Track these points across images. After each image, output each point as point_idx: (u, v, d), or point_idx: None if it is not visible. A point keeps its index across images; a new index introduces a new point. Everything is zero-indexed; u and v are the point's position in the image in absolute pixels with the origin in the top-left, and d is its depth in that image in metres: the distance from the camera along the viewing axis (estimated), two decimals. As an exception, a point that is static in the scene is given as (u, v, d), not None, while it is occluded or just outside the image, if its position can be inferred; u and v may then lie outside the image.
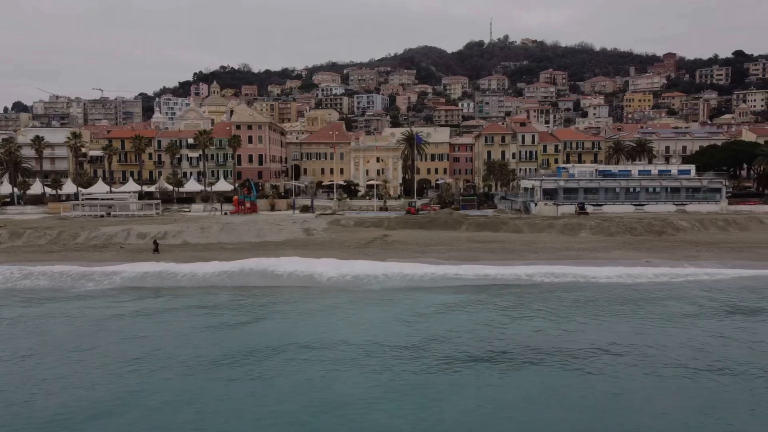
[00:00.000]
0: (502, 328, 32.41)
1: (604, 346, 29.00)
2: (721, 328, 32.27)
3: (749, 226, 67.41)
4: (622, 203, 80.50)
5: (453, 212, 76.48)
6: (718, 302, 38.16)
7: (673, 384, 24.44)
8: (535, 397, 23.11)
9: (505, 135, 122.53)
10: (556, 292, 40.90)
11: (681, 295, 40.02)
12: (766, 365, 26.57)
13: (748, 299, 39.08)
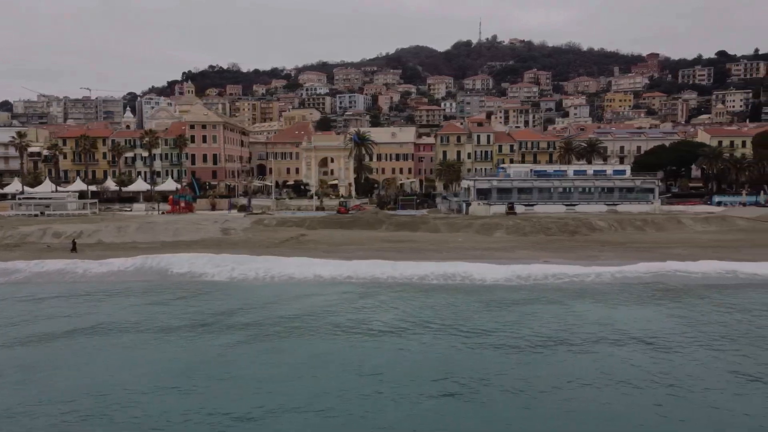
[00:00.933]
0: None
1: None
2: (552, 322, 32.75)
3: (666, 227, 67.82)
4: (554, 203, 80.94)
5: (379, 212, 76.96)
6: (577, 300, 38.59)
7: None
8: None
9: (461, 135, 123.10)
10: (432, 293, 41.10)
11: (547, 297, 40.38)
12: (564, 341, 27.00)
13: (605, 296, 39.49)
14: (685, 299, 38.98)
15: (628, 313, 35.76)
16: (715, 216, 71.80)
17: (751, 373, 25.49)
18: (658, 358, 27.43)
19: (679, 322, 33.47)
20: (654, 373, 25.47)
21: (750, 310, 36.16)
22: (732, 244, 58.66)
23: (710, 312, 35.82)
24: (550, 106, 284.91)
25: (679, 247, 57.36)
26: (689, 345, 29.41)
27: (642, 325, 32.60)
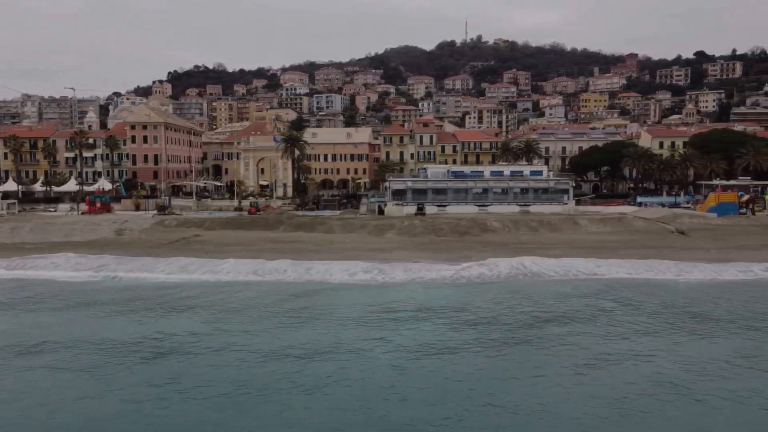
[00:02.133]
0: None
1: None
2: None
3: (561, 228, 68.19)
4: (466, 204, 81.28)
5: (284, 213, 77.37)
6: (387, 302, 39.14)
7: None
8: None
9: (404, 136, 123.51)
10: (259, 295, 41.69)
11: (373, 297, 40.91)
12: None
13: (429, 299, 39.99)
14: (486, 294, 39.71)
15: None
16: (613, 217, 72.15)
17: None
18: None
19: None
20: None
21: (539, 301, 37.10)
22: (613, 245, 59.25)
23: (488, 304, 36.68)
24: (527, 107, 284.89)
25: (559, 248, 57.97)
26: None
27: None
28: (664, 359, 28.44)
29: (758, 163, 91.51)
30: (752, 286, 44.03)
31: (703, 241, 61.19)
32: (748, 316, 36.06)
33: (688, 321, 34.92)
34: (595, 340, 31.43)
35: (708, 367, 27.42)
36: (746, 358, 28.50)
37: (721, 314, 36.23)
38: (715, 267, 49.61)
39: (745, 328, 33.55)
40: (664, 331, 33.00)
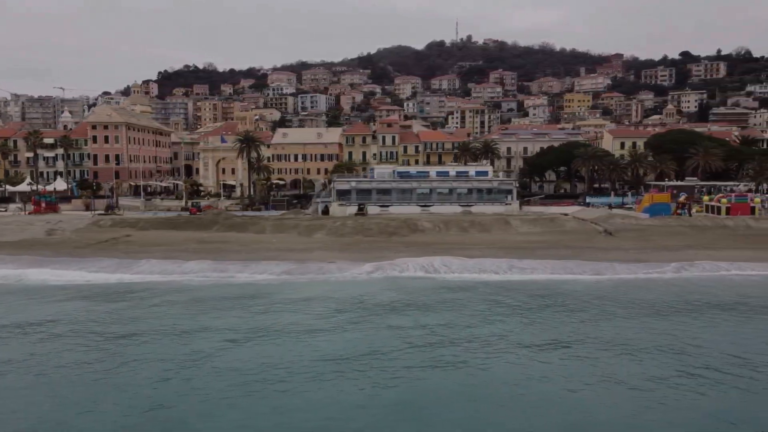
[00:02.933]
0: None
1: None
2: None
3: (492, 228, 68.47)
4: (408, 204, 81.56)
5: (221, 213, 77.69)
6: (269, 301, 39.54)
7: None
8: None
9: (366, 136, 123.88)
10: (163, 295, 42.07)
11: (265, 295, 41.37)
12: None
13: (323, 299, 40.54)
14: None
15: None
16: (545, 218, 72.39)
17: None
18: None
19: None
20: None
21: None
22: (536, 245, 59.51)
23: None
24: (512, 107, 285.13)
25: (480, 248, 58.33)
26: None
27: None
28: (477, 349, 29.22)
29: (707, 164, 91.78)
30: (652, 285, 44.34)
31: (627, 241, 61.44)
32: (622, 314, 36.39)
33: (534, 317, 35.43)
34: (413, 331, 32.43)
35: (532, 358, 27.78)
36: (589, 357, 28.83)
37: (595, 313, 36.56)
38: (628, 266, 49.98)
39: (608, 326, 33.93)
40: (500, 324, 33.83)
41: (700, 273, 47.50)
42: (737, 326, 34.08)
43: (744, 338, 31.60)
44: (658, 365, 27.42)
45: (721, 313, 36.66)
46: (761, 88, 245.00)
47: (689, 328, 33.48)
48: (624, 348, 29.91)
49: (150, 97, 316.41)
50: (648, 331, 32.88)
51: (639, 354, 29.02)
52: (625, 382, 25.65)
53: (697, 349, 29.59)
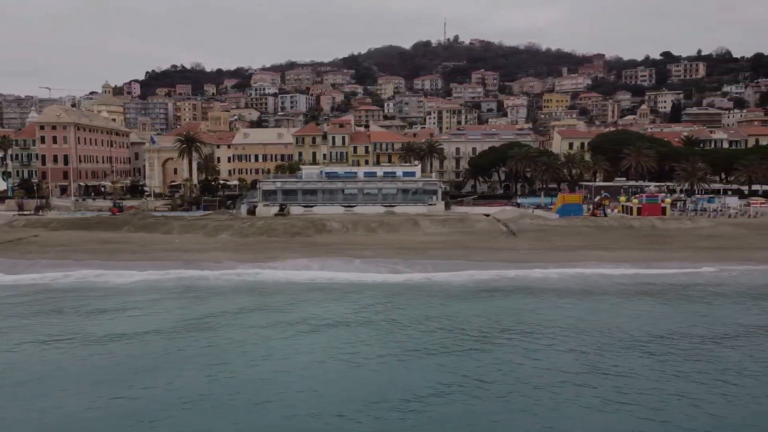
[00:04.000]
0: None
1: None
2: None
3: (400, 228, 68.72)
4: (332, 205, 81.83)
5: (137, 213, 78.00)
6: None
7: None
8: None
9: (316, 136, 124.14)
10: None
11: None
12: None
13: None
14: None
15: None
16: (454, 218, 72.62)
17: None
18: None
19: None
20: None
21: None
22: (435, 246, 60.21)
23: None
24: (492, 107, 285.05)
25: (375, 248, 59.05)
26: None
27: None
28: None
29: (639, 164, 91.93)
30: (519, 287, 44.96)
31: (525, 242, 61.77)
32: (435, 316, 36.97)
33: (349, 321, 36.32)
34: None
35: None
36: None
37: (416, 315, 37.06)
38: (505, 267, 50.75)
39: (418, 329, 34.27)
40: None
41: (560, 272, 48.43)
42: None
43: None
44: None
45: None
46: (737, 88, 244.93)
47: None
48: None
49: (131, 97, 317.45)
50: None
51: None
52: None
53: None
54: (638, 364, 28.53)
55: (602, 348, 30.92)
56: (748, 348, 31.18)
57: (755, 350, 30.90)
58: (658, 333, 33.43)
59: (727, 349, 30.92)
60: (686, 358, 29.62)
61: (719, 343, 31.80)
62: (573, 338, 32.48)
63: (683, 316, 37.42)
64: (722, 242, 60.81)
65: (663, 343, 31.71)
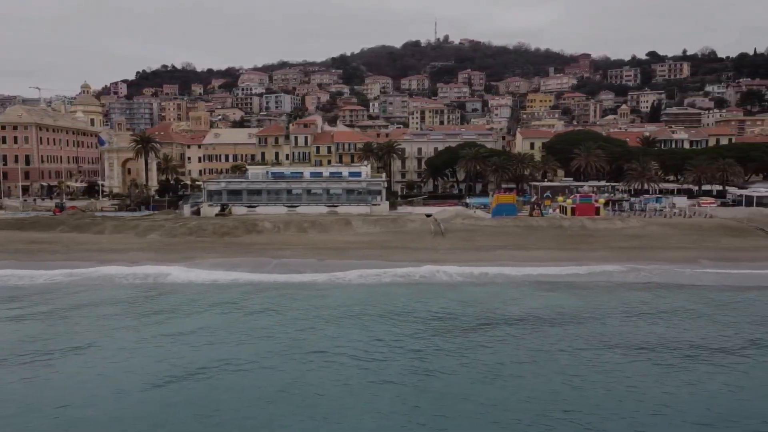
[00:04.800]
0: None
1: None
2: None
3: (331, 228, 68.81)
4: (276, 205, 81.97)
5: (75, 213, 78.17)
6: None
7: None
8: None
9: (278, 136, 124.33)
10: None
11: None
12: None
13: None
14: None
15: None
16: (387, 218, 72.65)
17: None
18: None
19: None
20: None
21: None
22: (358, 246, 60.61)
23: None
24: (476, 107, 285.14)
25: (296, 248, 59.58)
26: None
27: None
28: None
29: (588, 164, 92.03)
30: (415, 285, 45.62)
31: (450, 241, 62.03)
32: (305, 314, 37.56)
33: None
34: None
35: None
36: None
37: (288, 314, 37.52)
38: (417, 266, 51.33)
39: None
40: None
41: (466, 272, 48.95)
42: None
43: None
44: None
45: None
46: (719, 88, 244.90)
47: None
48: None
49: (117, 97, 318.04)
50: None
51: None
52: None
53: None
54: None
55: (420, 331, 34.31)
56: (578, 329, 34.44)
57: (584, 331, 34.24)
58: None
59: (552, 329, 34.77)
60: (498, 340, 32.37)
61: (554, 326, 35.44)
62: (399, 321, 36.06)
63: (539, 302, 40.38)
64: (644, 242, 61.03)
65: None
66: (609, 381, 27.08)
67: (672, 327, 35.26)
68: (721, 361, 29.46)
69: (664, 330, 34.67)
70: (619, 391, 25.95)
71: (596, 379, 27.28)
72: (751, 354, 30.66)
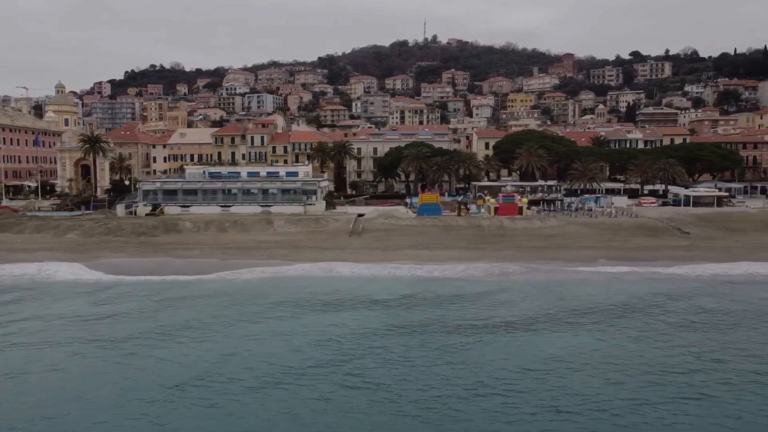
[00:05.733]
0: None
1: None
2: None
3: (253, 228, 68.96)
4: (209, 204, 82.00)
5: (3, 213, 78.17)
6: None
7: None
8: None
9: (235, 136, 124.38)
10: None
11: None
12: None
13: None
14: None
15: None
16: (311, 218, 72.64)
17: None
18: None
19: None
20: None
21: None
22: (267, 246, 61.21)
23: None
24: (458, 107, 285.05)
25: (202, 248, 59.52)
26: None
27: None
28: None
29: (530, 164, 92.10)
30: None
31: (363, 241, 62.24)
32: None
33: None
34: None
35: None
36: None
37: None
38: (306, 265, 51.85)
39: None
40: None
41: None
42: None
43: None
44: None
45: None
46: (697, 88, 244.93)
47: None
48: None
49: (101, 97, 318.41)
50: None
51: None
52: None
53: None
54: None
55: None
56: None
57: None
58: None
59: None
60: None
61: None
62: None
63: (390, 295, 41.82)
64: (556, 241, 61.12)
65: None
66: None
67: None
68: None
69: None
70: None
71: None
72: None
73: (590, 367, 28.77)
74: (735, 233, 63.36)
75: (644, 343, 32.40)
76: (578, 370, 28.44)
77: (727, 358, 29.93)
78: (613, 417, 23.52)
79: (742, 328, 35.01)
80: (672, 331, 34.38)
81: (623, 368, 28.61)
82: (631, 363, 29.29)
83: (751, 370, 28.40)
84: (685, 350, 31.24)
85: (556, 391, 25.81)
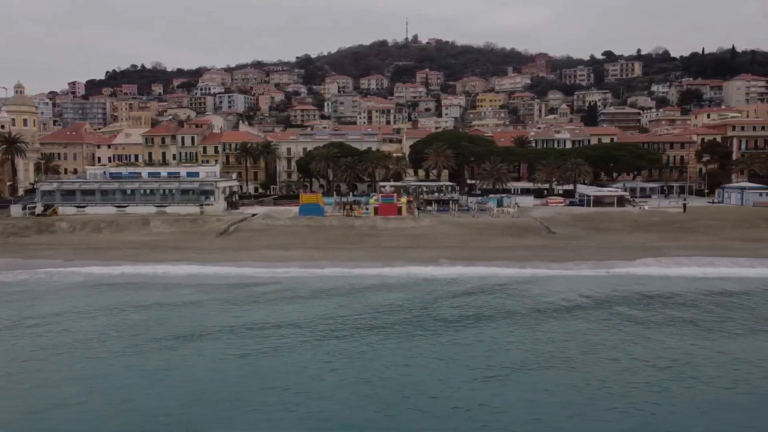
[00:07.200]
0: None
1: None
2: None
3: (128, 228, 69.12)
4: (105, 205, 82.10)
5: None
6: None
7: None
8: None
9: (165, 136, 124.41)
10: None
11: None
12: None
13: None
14: None
15: None
16: (188, 218, 72.76)
17: None
18: None
19: None
20: None
21: None
22: (129, 246, 60.66)
23: None
24: (429, 107, 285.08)
25: (57, 249, 59.74)
26: None
27: None
28: None
29: (437, 164, 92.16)
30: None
31: (230, 241, 62.48)
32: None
33: None
34: None
35: None
36: None
37: None
38: (170, 264, 51.76)
39: None
40: None
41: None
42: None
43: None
44: None
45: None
46: (663, 87, 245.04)
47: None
48: None
49: (74, 97, 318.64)
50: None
51: None
52: None
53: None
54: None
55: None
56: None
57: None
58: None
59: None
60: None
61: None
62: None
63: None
64: (417, 242, 61.11)
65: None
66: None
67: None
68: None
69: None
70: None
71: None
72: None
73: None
74: (600, 233, 63.41)
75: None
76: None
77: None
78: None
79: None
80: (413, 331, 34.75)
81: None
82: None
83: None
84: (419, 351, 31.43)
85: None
